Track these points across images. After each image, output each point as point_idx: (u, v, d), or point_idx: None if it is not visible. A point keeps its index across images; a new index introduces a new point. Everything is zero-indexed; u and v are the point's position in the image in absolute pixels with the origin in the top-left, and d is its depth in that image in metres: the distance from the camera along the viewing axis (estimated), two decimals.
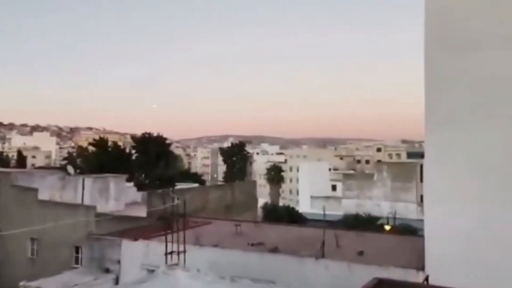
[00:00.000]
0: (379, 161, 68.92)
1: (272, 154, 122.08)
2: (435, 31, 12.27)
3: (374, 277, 7.63)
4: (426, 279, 10.65)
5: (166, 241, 12.67)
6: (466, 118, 11.87)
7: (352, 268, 12.66)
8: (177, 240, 12.74)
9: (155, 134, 60.36)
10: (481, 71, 11.68)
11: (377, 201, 47.90)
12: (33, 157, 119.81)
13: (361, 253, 13.82)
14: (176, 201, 13.56)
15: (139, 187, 36.24)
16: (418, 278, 11.58)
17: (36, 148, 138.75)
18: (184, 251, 12.43)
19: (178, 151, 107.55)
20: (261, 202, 43.44)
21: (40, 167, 76.82)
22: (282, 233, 18.11)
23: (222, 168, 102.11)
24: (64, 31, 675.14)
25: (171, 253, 12.41)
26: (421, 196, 48.90)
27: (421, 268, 11.87)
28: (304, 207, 51.67)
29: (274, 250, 14.47)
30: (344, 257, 13.31)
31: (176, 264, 10.76)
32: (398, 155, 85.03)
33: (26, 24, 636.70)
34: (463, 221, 11.42)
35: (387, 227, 34.57)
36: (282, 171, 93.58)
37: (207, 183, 78.05)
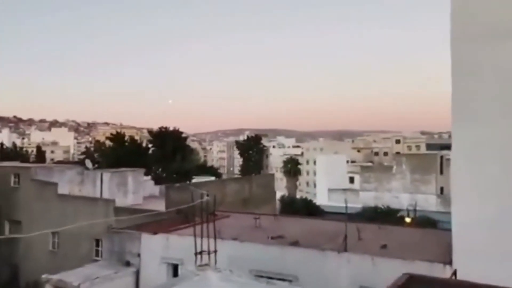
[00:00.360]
0: (397, 153, 67.91)
1: (288, 147, 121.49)
2: (462, 20, 11.83)
3: (404, 272, 7.32)
4: (454, 273, 10.26)
5: (195, 240, 11.99)
6: (494, 110, 11.42)
7: (375, 262, 12.35)
8: (206, 236, 12.10)
9: (171, 129, 60.53)
10: (510, 61, 11.20)
11: (396, 194, 47.25)
12: (52, 152, 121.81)
13: (384, 246, 13.48)
14: (205, 197, 12.99)
15: (156, 181, 36.36)
16: (445, 272, 11.21)
17: (54, 143, 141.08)
18: (215, 251, 11.71)
19: (194, 145, 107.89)
20: (278, 195, 43.22)
21: (59, 162, 77.89)
22: (302, 226, 17.85)
23: (238, 161, 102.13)
24: (81, 29, 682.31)
25: (200, 252, 11.64)
26: (441, 188, 48.08)
27: (448, 262, 11.49)
28: (321, 199, 51.27)
29: (295, 243, 14.23)
30: (367, 251, 12.98)
31: (207, 264, 10.06)
32: (418, 146, 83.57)
33: (42, 21, 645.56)
34: (492, 214, 11.00)
35: (408, 220, 33.98)
36: (299, 164, 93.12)
37: (224, 176, 78.17)
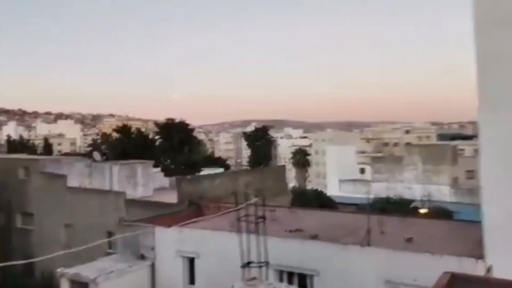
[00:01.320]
0: (408, 143, 67.01)
1: (296, 138, 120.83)
2: (486, 5, 11.27)
3: (445, 271, 6.80)
4: (489, 269, 9.76)
5: (242, 250, 11.21)
6: None
7: (401, 257, 11.86)
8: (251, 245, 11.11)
9: (177, 120, 60.04)
10: None
11: (408, 184, 46.71)
12: (59, 144, 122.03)
13: (409, 240, 12.96)
14: (254, 199, 12.14)
15: (165, 172, 35.99)
16: (477, 268, 10.69)
17: (61, 136, 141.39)
18: (267, 262, 10.71)
19: (200, 137, 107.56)
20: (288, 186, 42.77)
21: (66, 154, 77.87)
22: (319, 219, 17.38)
23: (246, 152, 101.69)
24: (85, 22, 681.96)
25: (248, 264, 10.74)
26: (455, 178, 47.41)
27: (479, 256, 10.95)
28: (332, 190, 50.85)
29: (315, 237, 13.75)
30: (392, 245, 12.48)
31: (255, 278, 9.27)
32: (428, 137, 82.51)
33: (48, 15, 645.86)
34: None
35: (423, 211, 33.44)
36: (308, 154, 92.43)
37: (232, 168, 77.78)
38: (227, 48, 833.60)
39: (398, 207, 34.26)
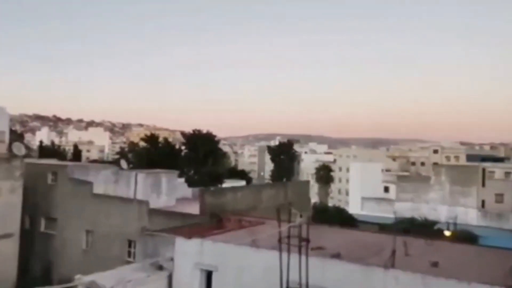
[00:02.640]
0: (435, 163, 65.40)
1: (320, 153, 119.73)
2: None
3: None
4: None
5: (281, 274, 10.69)
6: None
7: (427, 281, 11.37)
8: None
9: (204, 131, 60.54)
10: None
11: (434, 205, 45.46)
12: (88, 151, 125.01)
13: (435, 264, 12.45)
14: (299, 219, 11.60)
15: (188, 183, 36.16)
16: None
17: (90, 143, 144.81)
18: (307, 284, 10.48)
19: (225, 149, 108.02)
20: None
21: (94, 161, 79.52)
22: (342, 237, 16.96)
23: (269, 166, 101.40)
24: (123, 28, 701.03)
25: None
26: (483, 201, 45.82)
27: (511, 286, 10.40)
28: (354, 208, 49.95)
29: (337, 255, 13.39)
30: (417, 268, 12.00)
31: None
32: (457, 157, 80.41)
33: (86, 21, 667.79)
34: None
35: (447, 233, 32.37)
36: (332, 170, 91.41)
37: (254, 181, 77.60)
38: (257, 61, 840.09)
39: (422, 228, 33.31)
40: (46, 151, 79.40)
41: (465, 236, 30.67)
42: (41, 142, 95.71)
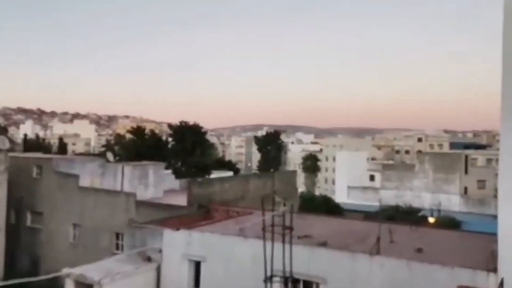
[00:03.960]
0: (419, 151, 66.34)
1: (307, 143, 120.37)
2: None
3: (459, 285, 6.64)
4: (501, 283, 9.51)
5: (266, 263, 10.64)
6: None
7: (411, 267, 11.66)
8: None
9: (191, 123, 60.24)
10: None
11: (418, 193, 46.25)
12: (73, 144, 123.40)
13: (420, 250, 12.74)
14: (282, 208, 11.71)
15: (175, 175, 36.11)
16: (489, 281, 10.46)
17: (76, 135, 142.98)
18: (291, 277, 10.45)
19: (212, 140, 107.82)
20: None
21: (80, 154, 78.62)
22: (329, 226, 17.19)
23: (256, 156, 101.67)
24: (103, 20, 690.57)
25: (271, 278, 10.33)
26: (465, 188, 46.76)
27: (492, 269, 10.71)
28: (340, 197, 50.51)
29: (324, 244, 13.60)
30: (402, 254, 12.27)
31: None
32: (440, 145, 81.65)
33: (64, 17, 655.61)
34: None
35: (431, 220, 33.01)
36: (318, 160, 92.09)
37: (241, 172, 77.77)
38: (241, 52, 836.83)
39: (407, 215, 33.93)
40: (31, 144, 78.24)
41: (448, 222, 31.32)
42: (25, 135, 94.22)
